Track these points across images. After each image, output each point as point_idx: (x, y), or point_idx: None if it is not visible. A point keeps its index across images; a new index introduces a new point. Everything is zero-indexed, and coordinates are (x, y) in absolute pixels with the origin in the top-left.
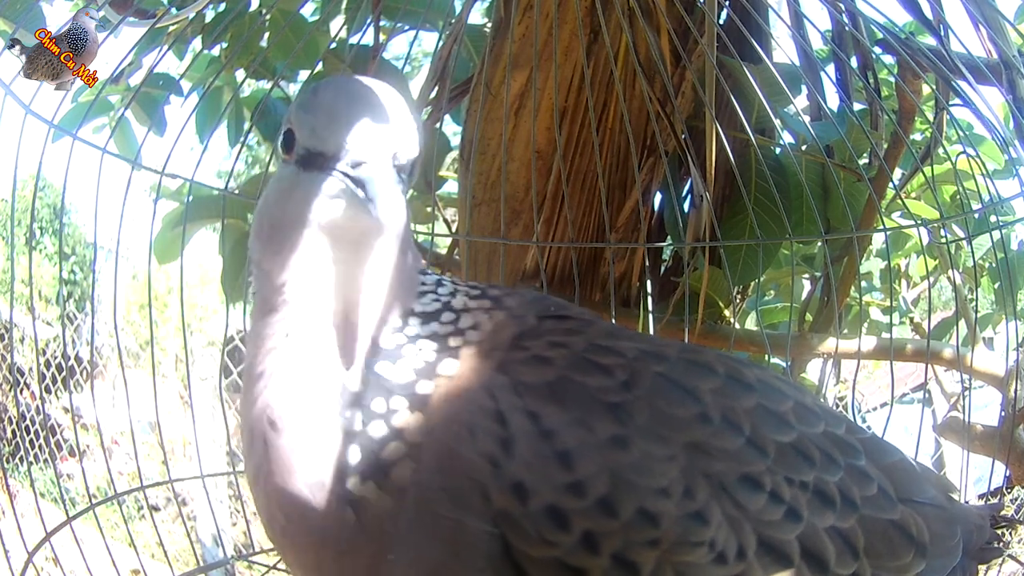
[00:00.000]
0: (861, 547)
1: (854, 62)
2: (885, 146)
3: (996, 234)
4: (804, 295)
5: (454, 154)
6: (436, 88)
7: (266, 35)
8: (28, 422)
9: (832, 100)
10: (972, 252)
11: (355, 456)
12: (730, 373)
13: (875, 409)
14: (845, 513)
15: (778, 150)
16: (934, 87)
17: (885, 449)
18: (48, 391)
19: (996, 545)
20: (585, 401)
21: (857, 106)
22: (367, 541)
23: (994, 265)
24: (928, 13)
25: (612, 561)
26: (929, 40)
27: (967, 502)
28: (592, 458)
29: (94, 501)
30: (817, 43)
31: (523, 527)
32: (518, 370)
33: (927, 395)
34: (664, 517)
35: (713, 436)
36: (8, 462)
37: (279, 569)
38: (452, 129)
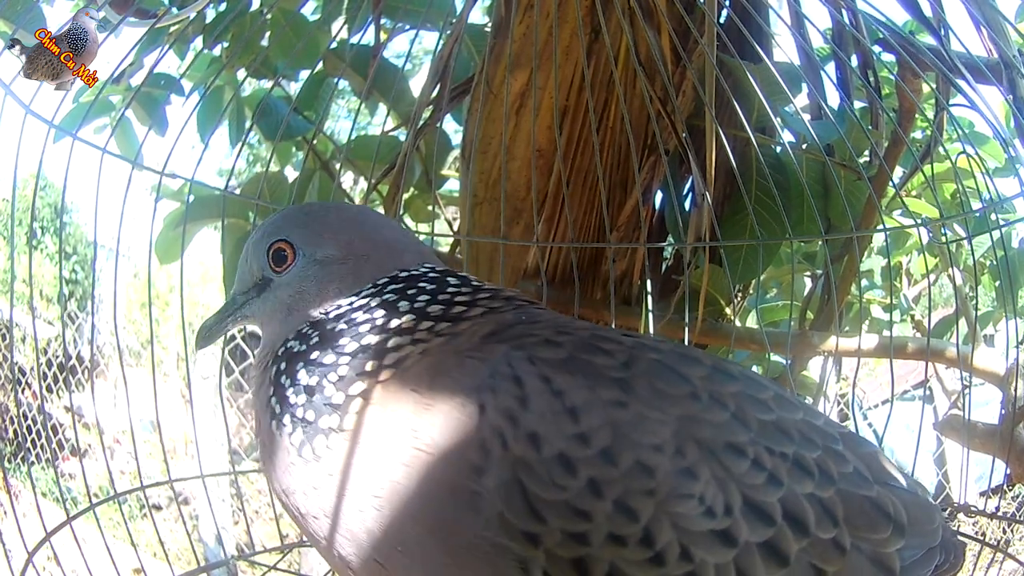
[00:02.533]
0: (840, 516)
1: (854, 61)
2: (885, 145)
3: (996, 233)
4: (805, 293)
5: (455, 153)
6: (437, 87)
7: (267, 34)
8: (29, 422)
9: (832, 99)
10: (972, 251)
11: (298, 437)
12: (716, 365)
13: (876, 406)
14: (823, 484)
15: (778, 149)
16: (934, 86)
17: (861, 442)
18: (49, 390)
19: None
20: (591, 373)
21: (857, 105)
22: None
23: (995, 263)
24: (928, 13)
25: (614, 506)
26: (929, 40)
27: (965, 503)
28: (596, 414)
29: (95, 501)
30: (817, 42)
31: (537, 472)
32: (533, 348)
33: (928, 392)
34: (659, 470)
35: (702, 411)
36: (9, 462)
37: (280, 569)
38: (453, 128)
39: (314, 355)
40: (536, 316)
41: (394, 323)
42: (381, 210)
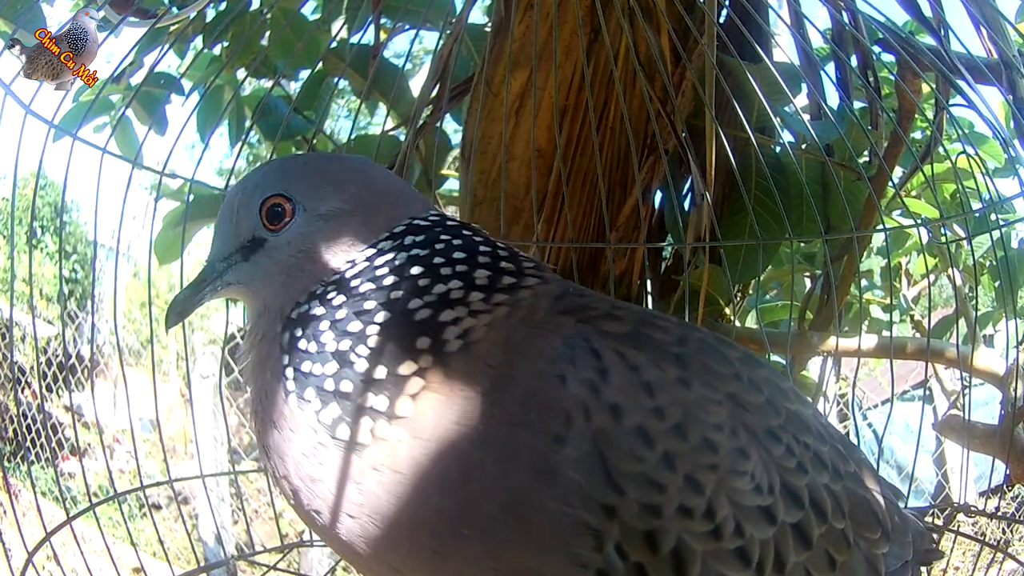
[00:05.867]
0: (847, 510)
1: (854, 61)
2: (885, 145)
3: (996, 233)
4: (805, 293)
5: (455, 152)
6: (437, 87)
7: (267, 34)
8: (29, 421)
9: (832, 99)
10: (972, 251)
11: (331, 413)
12: (745, 350)
13: (876, 406)
14: (835, 478)
15: (778, 149)
16: (934, 86)
17: (854, 447)
18: (49, 390)
19: (935, 548)
20: (655, 348)
21: (857, 105)
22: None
23: (994, 263)
24: (928, 13)
25: (684, 480)
26: (929, 40)
27: (964, 503)
28: (668, 391)
29: (94, 501)
30: (817, 42)
31: (618, 443)
32: (599, 321)
33: (927, 393)
34: (720, 447)
35: (744, 391)
36: (9, 461)
37: (280, 569)
38: (453, 127)
39: (340, 316)
40: (581, 289)
41: (439, 289)
42: None
